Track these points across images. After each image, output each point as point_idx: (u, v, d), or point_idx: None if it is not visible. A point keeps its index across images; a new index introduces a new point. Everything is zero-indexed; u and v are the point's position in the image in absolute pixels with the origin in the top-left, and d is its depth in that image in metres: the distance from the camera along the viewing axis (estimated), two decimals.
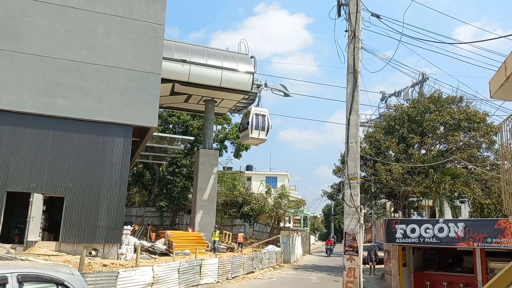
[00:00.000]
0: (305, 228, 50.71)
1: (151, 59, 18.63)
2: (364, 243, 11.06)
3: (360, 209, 10.15)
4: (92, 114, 17.38)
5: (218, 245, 24.94)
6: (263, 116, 27.06)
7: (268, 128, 27.03)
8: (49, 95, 16.83)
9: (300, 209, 45.14)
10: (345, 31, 10.76)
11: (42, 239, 16.75)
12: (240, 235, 27.50)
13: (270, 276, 19.28)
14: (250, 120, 26.63)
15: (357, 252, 10.06)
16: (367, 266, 20.94)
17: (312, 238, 41.03)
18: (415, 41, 12.04)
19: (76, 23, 17.62)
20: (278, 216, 35.59)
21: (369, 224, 35.86)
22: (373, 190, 25.41)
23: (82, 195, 16.85)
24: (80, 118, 17.21)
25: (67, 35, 17.44)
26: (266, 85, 29.11)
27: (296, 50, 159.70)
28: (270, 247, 25.72)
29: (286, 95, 30.29)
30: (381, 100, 36.23)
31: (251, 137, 26.86)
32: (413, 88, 31.87)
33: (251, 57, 27.51)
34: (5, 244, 14.76)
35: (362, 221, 10.19)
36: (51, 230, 18.06)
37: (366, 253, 19.93)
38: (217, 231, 24.30)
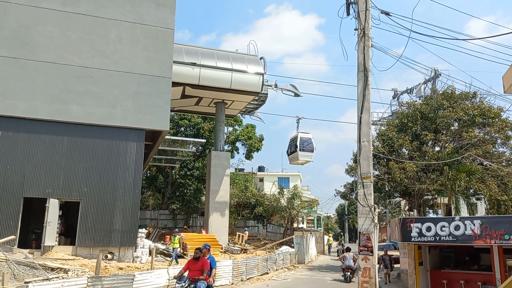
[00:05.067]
0: (319, 228, 50.53)
1: (162, 63, 18.78)
2: (378, 242, 10.99)
3: (374, 208, 10.09)
4: (105, 120, 17.58)
5: (167, 250, 21.57)
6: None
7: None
8: (62, 101, 17.07)
9: (313, 209, 45.00)
10: (355, 29, 10.72)
11: (59, 244, 16.98)
12: (246, 234, 28.93)
13: (285, 277, 19.25)
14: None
15: (372, 251, 10.00)
16: (383, 272, 18.33)
17: (326, 238, 40.78)
18: (426, 37, 11.94)
19: (88, 30, 17.85)
20: (291, 217, 35.51)
21: (384, 223, 35.61)
22: (387, 189, 25.21)
23: (97, 199, 17.04)
24: (94, 124, 17.42)
25: (79, 42, 17.67)
26: (276, 86, 29.15)
27: (307, 50, 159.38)
28: (284, 248, 25.69)
29: (296, 95, 30.26)
30: (393, 97, 35.98)
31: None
32: (425, 85, 31.58)
33: (261, 58, 27.56)
34: (23, 249, 15.00)
35: (376, 221, 10.13)
36: (67, 235, 18.30)
37: (380, 253, 18.97)
38: (177, 236, 20.71)
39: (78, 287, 9.21)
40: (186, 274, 9.60)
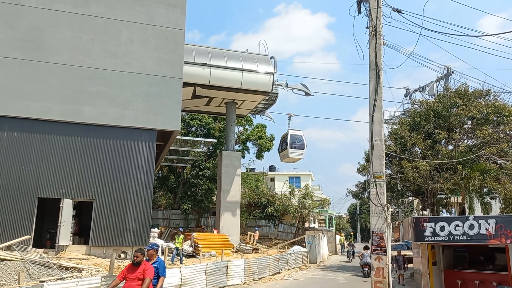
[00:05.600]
0: (331, 228, 50.31)
1: (173, 64, 18.87)
2: (391, 242, 10.89)
3: (387, 207, 10.01)
4: (118, 120, 17.72)
5: (183, 251, 20.63)
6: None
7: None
8: (75, 102, 17.25)
9: (324, 209, 44.81)
10: (366, 27, 10.64)
11: (73, 243, 17.16)
12: (256, 233, 29.17)
13: (297, 276, 19.20)
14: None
15: (385, 251, 9.92)
16: (396, 272, 18.17)
17: (338, 238, 40.58)
18: (438, 35, 11.80)
19: (99, 32, 18.01)
20: (302, 217, 35.42)
21: (397, 222, 35.29)
22: (399, 188, 24.99)
23: (110, 199, 17.19)
24: (106, 124, 17.56)
25: (90, 44, 17.83)
26: (286, 85, 29.12)
27: (318, 49, 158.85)
28: (296, 248, 25.64)
29: (307, 94, 30.19)
30: (405, 96, 35.65)
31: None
32: (438, 83, 31.23)
33: (271, 57, 27.54)
34: (38, 249, 15.23)
35: (389, 220, 10.05)
36: (81, 234, 18.48)
37: (393, 253, 18.73)
38: (181, 236, 19.95)
39: (92, 286, 9.29)
40: (121, 285, 7.09)
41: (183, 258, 19.30)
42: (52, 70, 17.15)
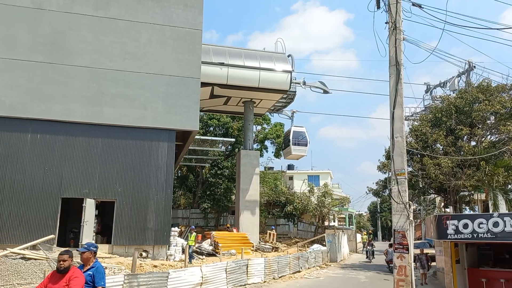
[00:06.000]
0: (351, 226, 49.92)
1: (191, 64, 19.00)
2: (413, 240, 10.74)
3: (409, 205, 9.87)
4: (137, 121, 17.94)
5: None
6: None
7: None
8: (96, 104, 17.54)
9: (344, 207, 44.47)
10: (386, 23, 10.50)
11: (96, 242, 17.41)
12: (273, 232, 29.25)
13: (317, 275, 19.12)
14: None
15: (407, 249, 9.79)
16: (419, 271, 17.49)
17: (358, 236, 40.24)
18: (460, 29, 11.56)
19: (119, 34, 18.26)
20: (322, 215, 35.25)
21: (418, 220, 34.84)
22: (421, 186, 24.63)
23: (131, 199, 17.43)
24: (127, 125, 17.81)
25: (111, 46, 18.10)
26: (304, 83, 29.01)
27: (336, 47, 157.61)
28: (316, 246, 25.53)
29: (325, 92, 30.00)
30: (426, 92, 35.11)
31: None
32: (459, 78, 30.64)
33: (288, 55, 27.46)
34: (62, 248, 15.52)
35: (411, 218, 9.91)
36: (103, 234, 18.81)
37: (415, 252, 18.41)
38: (193, 234, 19.68)
39: (115, 284, 9.44)
40: None
41: (194, 257, 19.10)
42: (74, 73, 17.48)
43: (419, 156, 22.57)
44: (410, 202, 10.08)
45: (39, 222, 16.19)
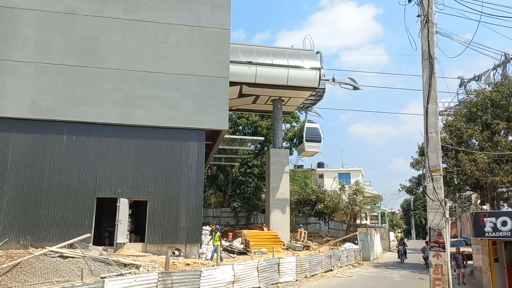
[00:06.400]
0: (384, 224, 49.05)
1: (219, 64, 19.11)
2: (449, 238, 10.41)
3: (445, 202, 9.59)
4: (168, 121, 18.20)
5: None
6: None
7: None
8: (128, 106, 17.90)
9: (376, 205, 43.71)
10: (417, 16, 10.23)
11: (130, 241, 17.85)
12: (302, 230, 29.05)
13: (350, 274, 18.88)
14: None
15: (443, 248, 9.52)
16: (455, 271, 16.91)
17: (392, 234, 39.48)
18: (496, 20, 11.13)
19: (148, 36, 18.57)
20: (353, 213, 34.79)
21: (454, 218, 33.81)
22: (456, 182, 23.93)
23: (163, 198, 17.70)
24: (157, 126, 18.10)
25: (140, 48, 18.42)
26: (333, 80, 28.69)
27: (365, 42, 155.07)
28: (348, 245, 25.22)
29: (355, 88, 29.57)
30: (460, 86, 34.04)
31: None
32: (495, 71, 29.54)
33: (317, 52, 27.20)
34: (97, 247, 15.95)
35: (447, 215, 9.62)
36: (137, 232, 19.19)
37: (451, 250, 17.78)
38: (218, 233, 19.08)
39: (149, 282, 9.60)
40: None
41: (214, 255, 18.70)
42: (105, 75, 17.90)
43: (453, 152, 21.94)
44: (446, 199, 9.79)
45: (75, 221, 16.69)
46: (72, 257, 13.21)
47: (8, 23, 17.34)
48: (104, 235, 19.16)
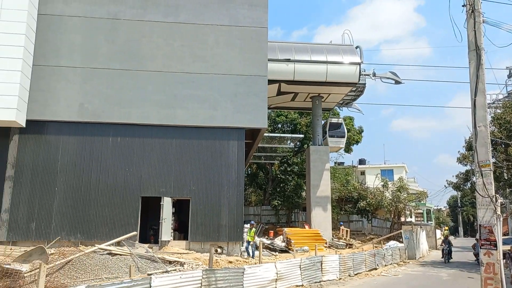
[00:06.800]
0: (429, 222, 47.55)
1: (257, 63, 19.17)
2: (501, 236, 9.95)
3: (496, 198, 9.17)
4: (208, 121, 18.47)
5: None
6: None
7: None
8: (170, 107, 18.32)
9: (421, 202, 42.45)
10: (463, 6, 9.82)
11: (174, 239, 18.28)
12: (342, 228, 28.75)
13: (395, 273, 18.45)
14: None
15: (495, 246, 9.11)
16: (509, 271, 15.98)
17: (438, 232, 38.18)
18: None
19: (188, 37, 18.91)
20: (397, 211, 33.95)
21: (504, 215, 32.27)
22: (506, 177, 22.83)
23: (205, 196, 18.00)
24: (198, 126, 18.41)
25: (180, 50, 18.80)
26: (374, 74, 28.11)
27: (407, 35, 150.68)
28: (392, 243, 24.65)
29: (397, 82, 28.82)
30: (509, 77, 32.42)
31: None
32: None
33: (356, 47, 26.73)
34: (143, 244, 16.46)
35: (499, 212, 9.21)
36: (180, 230, 19.62)
37: (505, 248, 16.85)
38: (253, 229, 18.63)
39: (194, 279, 9.78)
40: None
41: (255, 252, 18.19)
42: (148, 78, 18.40)
43: (503, 146, 20.94)
44: (496, 195, 9.37)
45: (122, 220, 17.29)
46: (120, 255, 13.68)
47: (56, 30, 18.17)
48: (149, 233, 19.74)
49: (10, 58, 16.32)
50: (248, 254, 18.05)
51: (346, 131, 29.98)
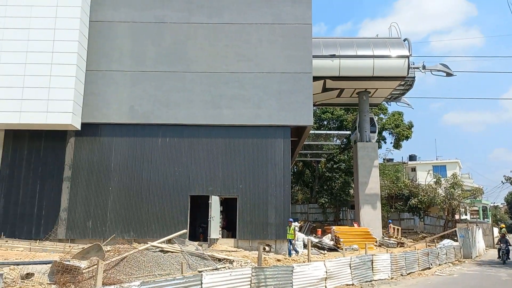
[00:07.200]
0: (486, 219, 45.28)
1: (301, 60, 19.02)
2: None
3: None
4: (253, 120, 18.56)
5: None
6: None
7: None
8: (215, 107, 18.59)
9: (477, 199, 40.49)
10: None
11: (222, 237, 18.54)
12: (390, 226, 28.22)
13: (450, 272, 17.69)
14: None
15: None
16: None
17: (496, 230, 36.27)
18: None
19: (232, 37, 19.08)
20: (451, 208, 32.59)
21: None
22: None
23: (251, 195, 18.12)
24: (243, 125, 18.54)
25: (225, 50, 19.01)
26: (424, 67, 27.09)
27: (457, 25, 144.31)
28: (446, 242, 23.67)
29: (448, 74, 27.61)
30: None
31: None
32: None
33: (404, 39, 25.91)
34: (193, 242, 16.80)
35: None
36: (228, 228, 19.88)
37: None
38: (292, 226, 17.68)
39: (243, 276, 9.85)
40: None
41: (297, 251, 17.94)
42: (194, 79, 18.76)
43: None
44: None
45: (172, 218, 17.75)
46: (172, 252, 14.04)
47: (107, 36, 18.92)
48: (198, 231, 20.13)
49: (65, 65, 17.20)
50: (289, 253, 17.68)
51: (377, 126, 29.34)
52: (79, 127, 17.79)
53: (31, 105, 16.71)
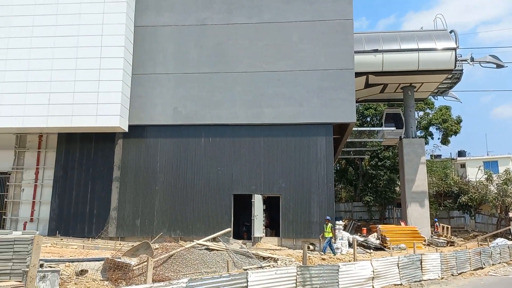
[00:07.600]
0: None
1: (343, 56, 18.75)
2: None
3: None
4: (294, 118, 18.51)
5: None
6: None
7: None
8: (256, 106, 18.68)
9: None
10: None
11: (265, 235, 18.63)
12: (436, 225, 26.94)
13: (505, 272, 16.86)
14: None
15: None
16: None
17: None
18: None
19: (272, 36, 19.11)
20: (505, 205, 30.99)
21: None
22: None
23: (294, 193, 18.07)
24: (285, 123, 18.53)
25: (265, 49, 19.06)
26: (472, 59, 25.95)
27: (507, 14, 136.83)
28: (500, 240, 22.58)
29: (499, 66, 26.31)
30: None
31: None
32: None
33: (451, 31, 24.95)
34: (238, 240, 16.98)
35: None
36: (272, 227, 19.92)
37: None
38: (329, 224, 17.18)
39: (289, 275, 9.85)
40: None
41: (334, 251, 17.27)
42: (236, 79, 18.95)
43: None
44: None
45: (216, 216, 18.04)
46: (217, 250, 14.26)
47: (151, 40, 19.48)
48: (241, 230, 20.31)
49: (112, 69, 17.86)
50: (324, 250, 17.05)
51: (404, 121, 28.25)
52: (126, 129, 18.43)
53: (81, 109, 17.49)
